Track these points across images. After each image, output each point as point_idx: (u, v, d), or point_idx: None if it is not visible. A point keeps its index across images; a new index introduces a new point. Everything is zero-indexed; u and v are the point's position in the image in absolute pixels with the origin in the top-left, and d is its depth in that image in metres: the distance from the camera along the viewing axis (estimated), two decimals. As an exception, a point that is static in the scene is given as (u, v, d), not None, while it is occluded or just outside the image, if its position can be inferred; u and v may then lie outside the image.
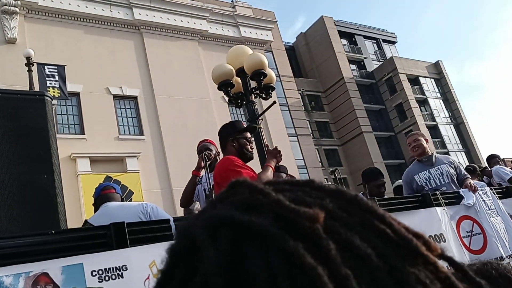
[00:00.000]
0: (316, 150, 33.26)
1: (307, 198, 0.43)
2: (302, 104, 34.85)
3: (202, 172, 3.98)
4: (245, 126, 3.77)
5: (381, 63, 42.99)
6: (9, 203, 2.79)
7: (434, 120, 40.04)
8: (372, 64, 43.21)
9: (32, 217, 2.83)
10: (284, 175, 4.60)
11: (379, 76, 41.67)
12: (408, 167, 5.39)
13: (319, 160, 33.50)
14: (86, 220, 4.17)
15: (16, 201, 2.82)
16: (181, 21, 21.28)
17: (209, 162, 3.96)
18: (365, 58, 43.20)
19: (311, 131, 34.93)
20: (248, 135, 3.67)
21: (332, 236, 0.39)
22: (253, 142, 3.77)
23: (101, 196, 3.89)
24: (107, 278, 2.46)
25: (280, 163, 3.69)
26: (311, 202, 0.42)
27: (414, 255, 0.40)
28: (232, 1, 25.41)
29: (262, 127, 7.23)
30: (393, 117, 40.56)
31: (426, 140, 5.19)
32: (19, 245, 2.47)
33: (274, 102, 7.37)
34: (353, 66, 41.84)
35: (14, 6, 16.82)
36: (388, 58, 42.79)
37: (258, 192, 0.42)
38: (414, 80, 41.33)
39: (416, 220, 3.64)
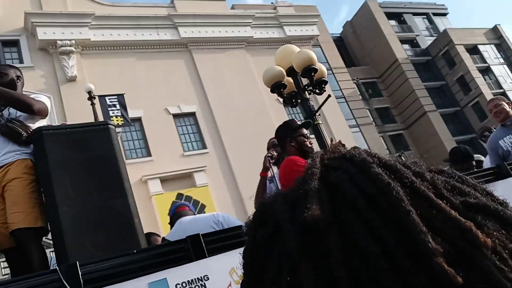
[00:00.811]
0: (381, 137, 32.56)
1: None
2: (359, 93, 34.24)
3: (270, 172, 4.01)
4: (299, 123, 3.76)
5: (434, 38, 41.43)
6: (91, 230, 2.95)
7: (500, 87, 38.03)
8: (425, 41, 41.75)
9: (113, 240, 2.97)
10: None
11: (435, 52, 40.19)
12: (491, 133, 5.18)
13: (386, 147, 32.74)
14: (163, 237, 4.34)
15: (96, 227, 2.97)
16: (226, 31, 21.57)
17: (273, 161, 3.98)
18: (417, 35, 41.82)
19: (372, 119, 34.23)
20: (305, 131, 3.65)
21: None
22: (310, 138, 3.73)
23: (176, 214, 4.10)
24: (191, 289, 2.54)
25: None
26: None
27: None
28: (272, 3, 25.46)
29: (320, 122, 7.17)
30: (456, 92, 38.96)
31: (508, 104, 4.93)
32: (106, 268, 2.60)
33: (329, 96, 7.30)
34: (406, 46, 40.61)
35: (70, 46, 17.73)
36: (441, 31, 41.19)
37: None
38: (473, 50, 39.51)
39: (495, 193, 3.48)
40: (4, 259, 10.47)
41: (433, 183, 0.45)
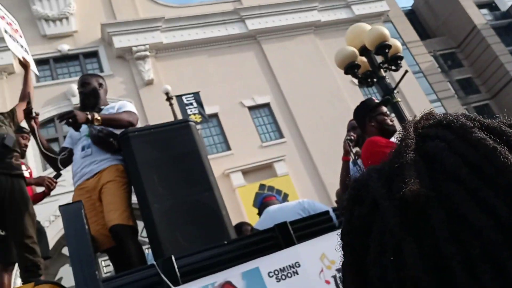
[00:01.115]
0: (465, 109, 30.93)
1: None
2: (437, 65, 32.71)
3: (352, 156, 3.93)
4: (377, 101, 3.64)
5: (516, -2, 38.57)
6: (181, 224, 3.06)
7: None
8: (505, 3, 38.93)
9: (204, 233, 3.06)
10: None
11: (518, 13, 37.41)
12: None
13: (471, 120, 31.02)
14: (252, 227, 4.42)
15: (187, 221, 3.07)
16: (293, 18, 21.41)
17: (353, 144, 3.90)
18: (495, -2, 39.14)
19: (454, 92, 32.59)
20: (384, 109, 3.52)
21: None
22: (390, 116, 3.59)
23: (263, 204, 4.20)
24: (283, 277, 2.56)
25: None
26: None
27: None
28: (337, -16, 24.88)
29: (400, 100, 6.94)
30: (545, 53, 36.09)
31: None
32: (201, 260, 2.68)
33: (406, 72, 7.04)
34: (484, 11, 38.09)
35: (144, 51, 18.44)
36: (523, -10, 38.26)
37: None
38: (561, 5, 36.35)
39: None
40: (105, 258, 11.17)
41: None
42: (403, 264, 0.38)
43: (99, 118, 3.31)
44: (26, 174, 4.70)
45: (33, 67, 4.10)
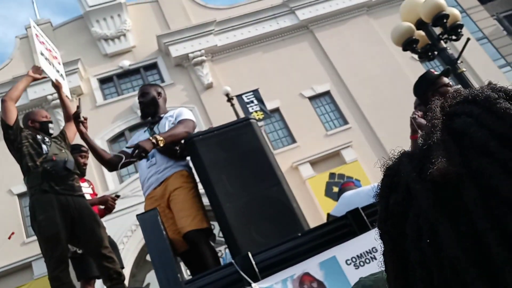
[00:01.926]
0: (539, 70, 29.00)
1: None
2: (503, 28, 30.88)
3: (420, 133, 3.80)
4: (437, 73, 3.49)
5: None
6: (254, 220, 3.10)
7: None
8: None
9: (277, 227, 3.09)
10: None
11: None
12: None
13: (547, 80, 29.13)
14: (328, 213, 4.41)
15: (259, 217, 3.12)
16: (343, 2, 21.01)
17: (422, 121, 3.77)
18: None
19: (524, 53, 30.64)
20: (446, 80, 3.37)
21: None
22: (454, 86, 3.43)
23: (341, 190, 4.18)
24: (361, 263, 2.53)
25: None
26: None
27: None
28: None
29: (465, 69, 6.65)
30: None
31: None
32: (277, 254, 2.71)
33: (468, 39, 6.73)
34: (550, -38, 35.53)
35: (200, 56, 18.82)
36: None
37: None
38: None
39: None
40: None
41: None
42: (441, 245, 0.37)
43: (162, 139, 3.39)
44: (89, 190, 4.95)
45: (65, 89, 4.24)
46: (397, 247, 0.43)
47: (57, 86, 4.11)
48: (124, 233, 14.08)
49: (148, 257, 13.49)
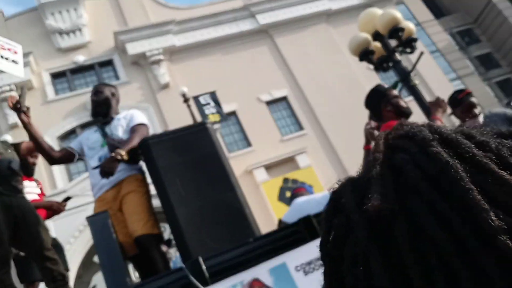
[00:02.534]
0: (487, 86, 30.35)
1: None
2: (455, 43, 32.15)
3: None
4: (386, 86, 3.60)
5: (531, -33, 37.55)
6: (207, 225, 3.09)
7: None
8: (520, -28, 37.98)
9: (229, 232, 3.08)
10: None
11: (534, -18, 36.45)
12: None
13: (493, 95, 30.46)
14: (279, 219, 4.44)
15: (211, 222, 3.11)
16: (304, 9, 21.28)
17: (377, 132, 3.87)
18: (509, -31, 38.20)
19: (474, 68, 31.98)
20: (395, 92, 3.49)
21: None
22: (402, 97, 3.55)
23: (293, 195, 4.24)
24: (311, 270, 2.56)
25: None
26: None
27: None
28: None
29: (417, 82, 6.86)
30: None
31: None
32: (228, 259, 2.70)
33: (422, 53, 6.95)
34: (499, -17, 37.25)
35: (158, 55, 18.57)
36: (537, -42, 37.20)
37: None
38: None
39: None
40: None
41: (498, 152, 0.42)
42: (371, 274, 0.40)
43: (125, 153, 3.32)
44: (38, 190, 4.78)
45: (19, 70, 3.94)
46: (336, 269, 0.44)
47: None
48: (72, 233, 13.67)
49: (95, 259, 13.15)
